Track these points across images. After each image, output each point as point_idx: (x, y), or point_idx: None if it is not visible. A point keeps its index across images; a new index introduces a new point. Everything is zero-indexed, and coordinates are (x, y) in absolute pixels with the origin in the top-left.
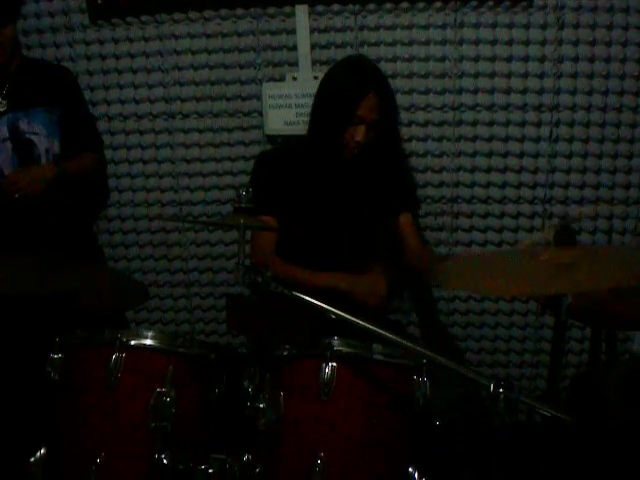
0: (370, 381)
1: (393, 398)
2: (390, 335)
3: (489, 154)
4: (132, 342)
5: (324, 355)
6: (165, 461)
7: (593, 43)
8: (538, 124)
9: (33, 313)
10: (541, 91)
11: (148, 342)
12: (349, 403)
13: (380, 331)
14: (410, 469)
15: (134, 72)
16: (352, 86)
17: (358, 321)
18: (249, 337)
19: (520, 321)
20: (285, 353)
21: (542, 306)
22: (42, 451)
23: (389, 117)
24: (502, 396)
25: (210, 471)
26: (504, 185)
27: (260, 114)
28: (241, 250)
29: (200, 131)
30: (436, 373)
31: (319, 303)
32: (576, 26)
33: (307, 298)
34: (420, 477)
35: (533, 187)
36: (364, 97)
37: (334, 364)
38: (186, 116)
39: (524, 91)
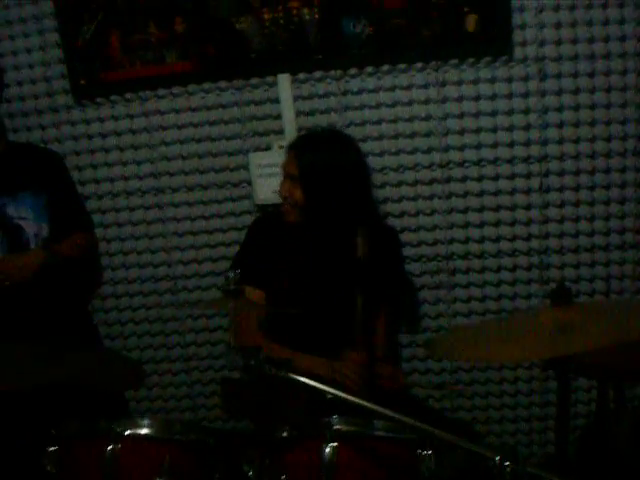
0: (373, 458)
1: (398, 473)
2: (389, 412)
3: (480, 209)
4: (127, 432)
5: (324, 435)
6: None
7: (576, 91)
8: (527, 176)
9: (29, 403)
10: (528, 143)
11: (144, 431)
12: None
13: (379, 408)
14: None
15: (121, 150)
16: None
17: (355, 399)
18: (250, 421)
19: (525, 388)
20: (285, 435)
21: (544, 365)
22: None
23: (311, 174)
24: (508, 469)
25: None
26: (498, 239)
27: (249, 184)
28: (232, 333)
29: (190, 204)
30: (441, 444)
31: (314, 383)
32: (558, 76)
33: (302, 379)
34: None
35: (527, 239)
36: (287, 153)
37: (335, 444)
38: (175, 190)
39: (511, 144)
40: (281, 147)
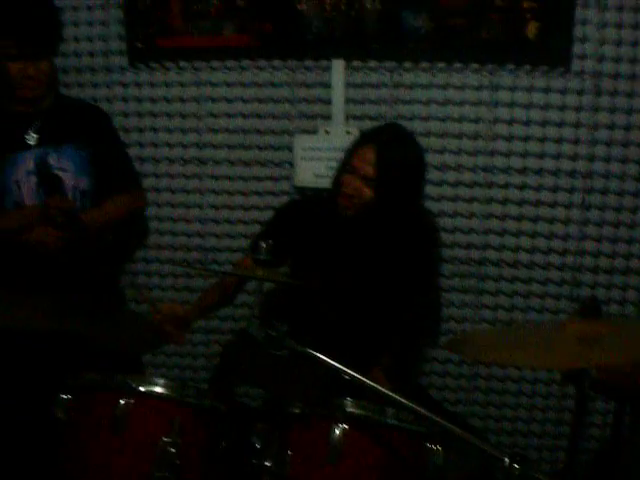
0: (381, 446)
1: (404, 465)
2: (404, 400)
3: (519, 218)
4: (141, 388)
5: (335, 416)
6: None
7: (630, 111)
8: (571, 190)
9: (46, 350)
10: (575, 157)
11: (158, 390)
12: (358, 468)
13: (393, 395)
14: None
15: (169, 116)
16: (359, 136)
17: (371, 383)
18: (261, 391)
19: (543, 390)
20: (296, 411)
21: (564, 378)
22: None
23: (391, 178)
24: (517, 472)
25: None
26: (533, 250)
27: (291, 165)
28: (258, 303)
29: (230, 178)
30: (450, 441)
31: (333, 362)
32: (613, 93)
33: (321, 356)
34: None
35: (563, 253)
36: (360, 147)
37: (345, 426)
38: (217, 163)
39: (558, 156)
40: (327, 132)
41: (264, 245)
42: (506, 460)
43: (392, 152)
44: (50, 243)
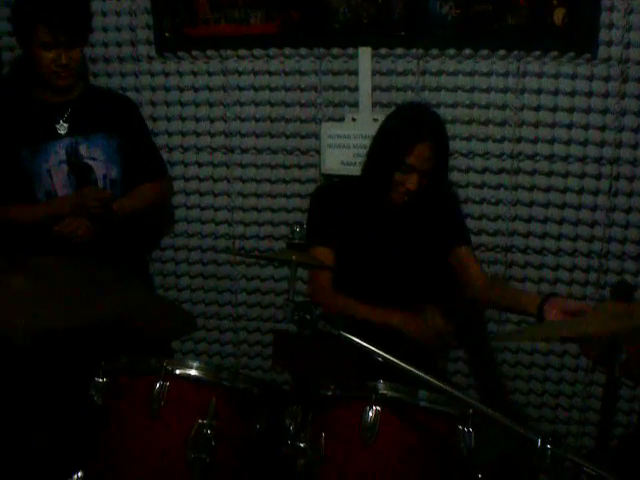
0: (414, 428)
1: (436, 447)
2: (438, 382)
3: (546, 204)
4: (177, 371)
5: (369, 398)
6: None
7: None
8: (598, 177)
9: (79, 336)
10: (602, 143)
11: (193, 372)
12: (392, 449)
13: (428, 377)
14: None
15: (196, 105)
16: (405, 133)
17: (405, 365)
18: (293, 375)
19: (570, 377)
20: (330, 393)
21: (594, 362)
22: (80, 474)
23: (442, 166)
24: (549, 452)
25: None
26: (560, 237)
27: (317, 153)
28: (292, 286)
29: (257, 166)
30: (480, 425)
31: (366, 344)
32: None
33: (354, 339)
34: None
35: (590, 240)
36: (415, 145)
37: (378, 408)
38: (245, 151)
39: (585, 143)
40: (354, 119)
41: (297, 229)
42: (538, 441)
43: (443, 143)
44: (82, 234)
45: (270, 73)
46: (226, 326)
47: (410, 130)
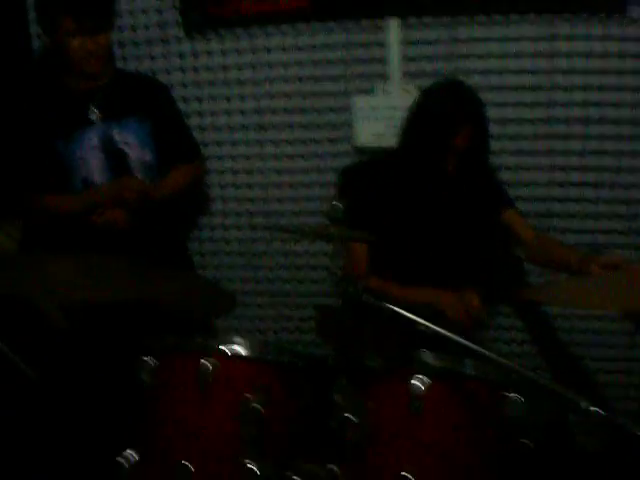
0: (462, 397)
1: (486, 415)
2: (484, 351)
3: (582, 169)
4: (223, 347)
5: (416, 369)
6: (255, 469)
7: None
8: (633, 138)
9: (121, 317)
10: (636, 105)
11: (238, 349)
12: (440, 419)
13: (473, 346)
14: None
15: (227, 84)
16: (450, 117)
17: (449, 334)
18: (336, 348)
19: (610, 341)
20: (376, 365)
21: (637, 325)
22: (132, 453)
23: (484, 140)
24: (596, 415)
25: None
26: (597, 200)
27: (349, 126)
28: (335, 261)
29: (290, 143)
30: (528, 390)
31: (410, 315)
32: None
33: (399, 310)
34: None
35: (627, 203)
36: (461, 129)
37: (425, 378)
38: (277, 128)
39: (619, 105)
40: (384, 91)
41: (337, 204)
42: (584, 404)
43: (485, 120)
44: (121, 224)
45: (299, 48)
46: (265, 302)
47: (454, 114)
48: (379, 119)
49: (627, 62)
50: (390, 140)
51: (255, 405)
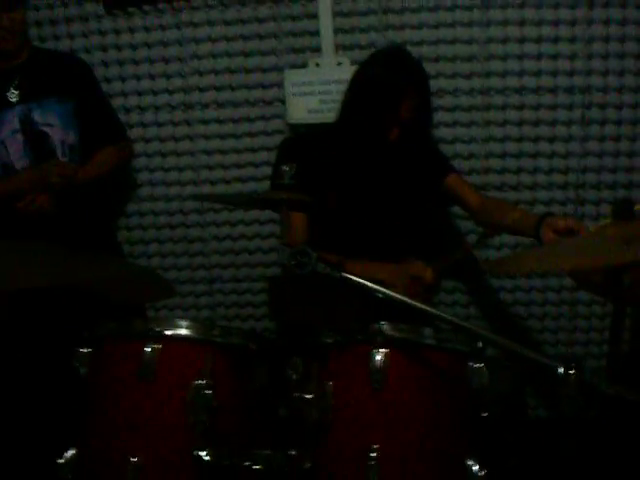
0: (423, 367)
1: (448, 385)
2: (446, 315)
3: (519, 139)
4: (167, 332)
5: (375, 341)
6: (206, 458)
7: (623, 23)
8: (569, 107)
9: (53, 306)
10: (572, 73)
11: (184, 332)
12: (403, 391)
13: (435, 311)
14: (469, 461)
15: (151, 62)
16: (393, 87)
17: (408, 301)
18: (291, 322)
19: (586, 298)
20: (333, 340)
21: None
22: (72, 452)
23: (427, 108)
24: (573, 378)
25: (255, 467)
26: (535, 170)
27: (282, 102)
28: (284, 229)
29: (220, 122)
30: (491, 360)
31: (368, 283)
32: (605, 5)
33: (357, 279)
34: (481, 469)
35: (565, 172)
36: (405, 99)
37: (386, 350)
38: (205, 106)
39: (554, 73)
40: (317, 65)
41: (286, 169)
42: (561, 369)
43: (428, 89)
44: (46, 210)
45: (227, 23)
46: (201, 290)
47: (398, 84)
48: (313, 94)
49: (562, 29)
50: (325, 116)
51: (203, 391)
